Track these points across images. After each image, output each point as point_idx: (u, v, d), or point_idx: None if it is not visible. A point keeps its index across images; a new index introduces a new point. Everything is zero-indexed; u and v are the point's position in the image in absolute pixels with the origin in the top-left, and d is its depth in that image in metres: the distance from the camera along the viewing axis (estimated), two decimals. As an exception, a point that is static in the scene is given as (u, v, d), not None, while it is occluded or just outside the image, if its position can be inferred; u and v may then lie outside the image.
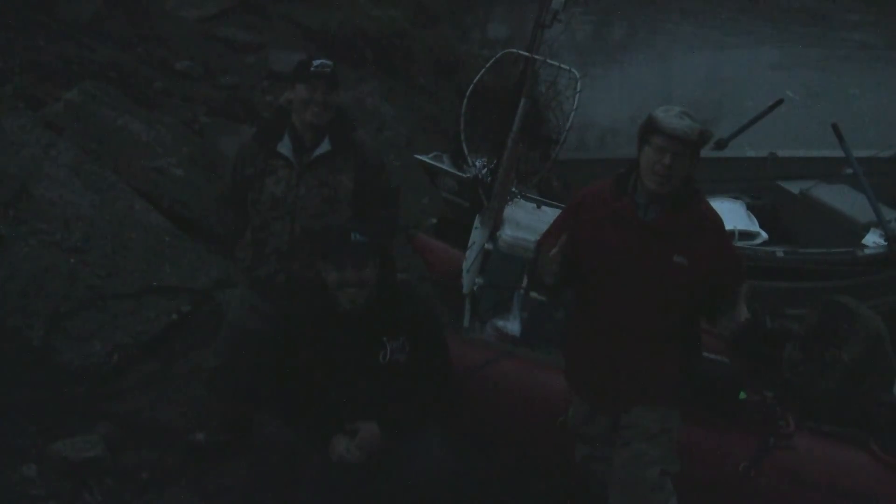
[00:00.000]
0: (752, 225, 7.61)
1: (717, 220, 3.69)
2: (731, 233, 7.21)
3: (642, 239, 3.59)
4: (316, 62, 4.06)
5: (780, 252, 6.89)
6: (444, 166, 6.45)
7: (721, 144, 8.81)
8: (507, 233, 5.48)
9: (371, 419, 3.77)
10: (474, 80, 6.26)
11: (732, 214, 7.53)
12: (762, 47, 17.71)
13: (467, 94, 6.20)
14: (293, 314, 3.92)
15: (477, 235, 5.46)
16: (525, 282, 5.16)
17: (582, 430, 4.00)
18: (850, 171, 7.54)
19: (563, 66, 5.99)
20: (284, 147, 4.13)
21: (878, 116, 12.08)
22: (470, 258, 5.40)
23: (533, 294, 5.17)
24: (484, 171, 5.73)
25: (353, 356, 3.77)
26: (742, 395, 4.28)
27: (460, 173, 6.18)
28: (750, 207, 7.99)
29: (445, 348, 3.99)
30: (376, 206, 4.26)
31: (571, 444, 4.07)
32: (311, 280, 3.90)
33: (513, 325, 5.13)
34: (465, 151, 6.12)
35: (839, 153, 7.65)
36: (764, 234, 7.53)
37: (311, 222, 4.10)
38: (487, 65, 6.46)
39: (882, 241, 6.96)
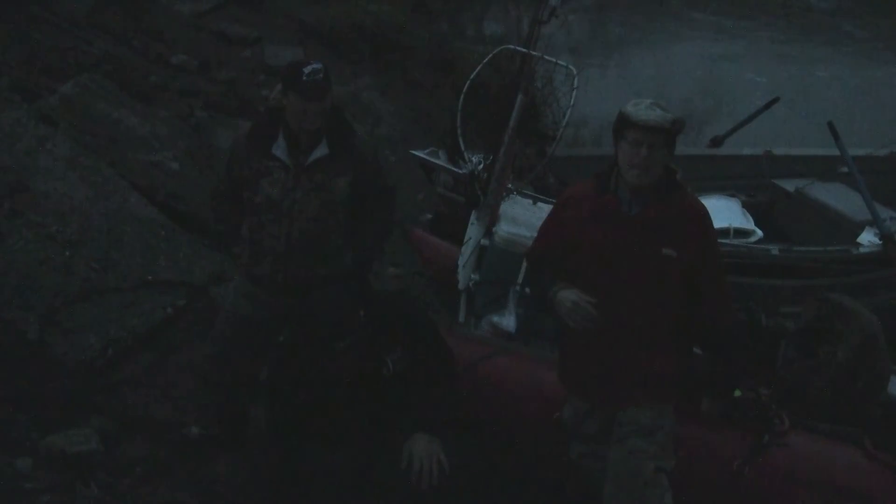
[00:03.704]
0: (747, 223, 7.61)
1: (701, 210, 3.72)
2: (727, 230, 7.24)
3: (629, 234, 3.62)
4: (306, 70, 3.92)
5: (775, 250, 6.89)
6: (441, 162, 6.45)
7: (717, 142, 8.82)
8: (502, 229, 5.49)
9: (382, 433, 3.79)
10: (471, 76, 6.27)
11: (728, 212, 7.54)
12: (752, 41, 17.77)
13: (464, 89, 6.20)
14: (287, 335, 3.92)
15: (473, 231, 5.47)
16: (521, 277, 5.16)
17: (577, 428, 4.00)
18: (845, 169, 7.56)
19: (559, 62, 6.00)
20: (279, 149, 4.06)
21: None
22: (466, 254, 5.41)
23: (528, 290, 5.17)
24: (480, 166, 5.74)
25: (355, 374, 3.76)
26: (737, 393, 4.29)
27: (456, 169, 6.18)
28: (745, 205, 7.98)
29: (446, 349, 3.99)
30: (373, 207, 4.24)
31: (566, 442, 4.07)
32: (307, 281, 3.88)
33: (508, 321, 5.13)
34: (462, 147, 6.13)
35: (835, 151, 7.67)
36: (759, 232, 7.54)
37: (308, 226, 4.08)
38: (484, 60, 6.47)
39: (877, 240, 6.97)
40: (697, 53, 16.57)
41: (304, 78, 3.91)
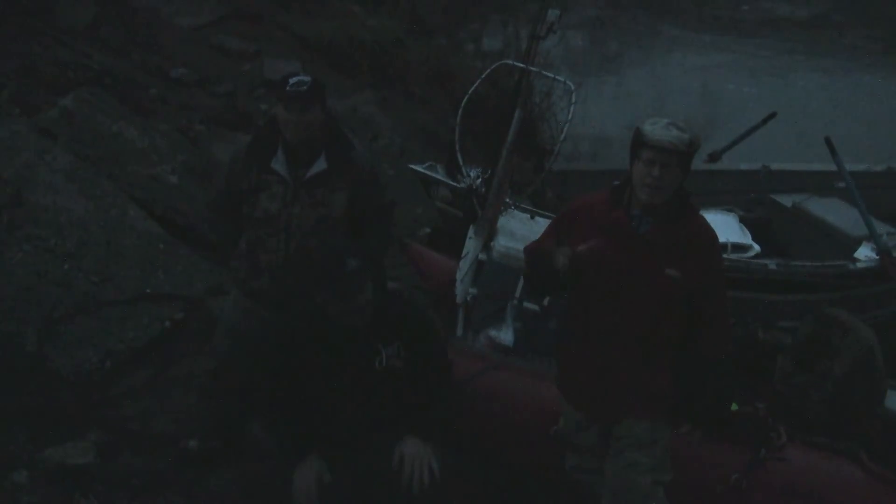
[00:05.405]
0: (744, 237, 7.63)
1: (711, 235, 3.71)
2: (724, 245, 7.25)
3: (635, 251, 3.61)
4: (292, 80, 3.94)
5: (772, 265, 6.90)
6: (439, 176, 6.46)
7: (714, 157, 8.85)
8: (500, 243, 5.49)
9: (366, 427, 3.78)
10: (469, 91, 6.28)
11: (725, 227, 7.55)
12: (733, 54, 17.88)
13: (462, 104, 6.22)
14: (288, 322, 3.92)
15: (471, 245, 5.47)
16: (518, 291, 5.17)
17: (573, 440, 4.01)
18: (842, 184, 7.58)
19: (557, 77, 6.02)
20: (278, 163, 4.06)
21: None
22: (464, 268, 5.40)
23: (526, 304, 5.18)
24: (478, 181, 5.74)
25: (349, 363, 3.77)
26: (734, 407, 4.29)
27: (454, 183, 6.19)
28: (743, 220, 8.01)
29: (443, 352, 3.99)
30: (371, 221, 4.24)
31: (563, 454, 4.08)
32: (305, 295, 3.89)
33: (506, 335, 5.13)
34: (460, 161, 6.14)
35: (832, 166, 7.69)
36: (756, 247, 7.55)
37: (306, 240, 4.07)
38: (483, 75, 6.49)
39: (874, 255, 6.99)
40: (686, 68, 16.65)
41: (288, 89, 3.93)
